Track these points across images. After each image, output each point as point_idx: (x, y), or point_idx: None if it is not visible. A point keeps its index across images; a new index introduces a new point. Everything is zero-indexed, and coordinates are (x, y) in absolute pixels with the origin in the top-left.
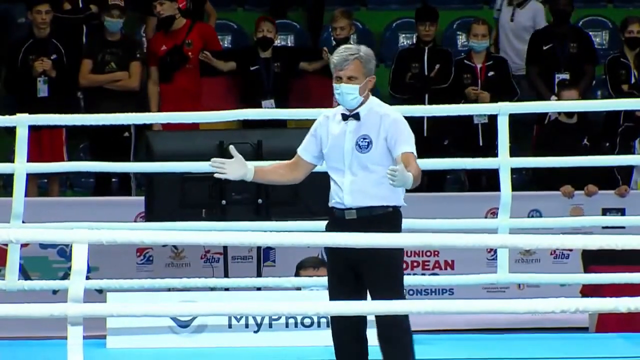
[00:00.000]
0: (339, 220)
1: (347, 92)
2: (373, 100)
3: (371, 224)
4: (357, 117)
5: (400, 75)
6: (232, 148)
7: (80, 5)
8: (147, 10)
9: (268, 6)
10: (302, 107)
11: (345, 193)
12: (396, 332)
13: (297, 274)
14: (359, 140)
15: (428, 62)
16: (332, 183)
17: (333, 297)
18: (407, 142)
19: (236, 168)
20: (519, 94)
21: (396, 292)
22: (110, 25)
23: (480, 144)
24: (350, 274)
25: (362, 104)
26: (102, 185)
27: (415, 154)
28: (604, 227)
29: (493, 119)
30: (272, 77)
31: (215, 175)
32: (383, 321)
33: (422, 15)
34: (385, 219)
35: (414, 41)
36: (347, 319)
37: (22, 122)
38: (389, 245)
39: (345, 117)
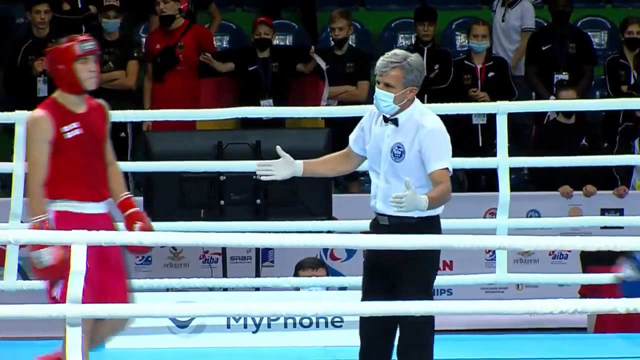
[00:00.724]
0: (376, 223)
1: (380, 99)
2: (417, 106)
3: (406, 232)
4: (395, 122)
5: None
6: (279, 148)
7: (80, 5)
8: (150, 10)
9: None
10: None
11: (378, 199)
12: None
13: (296, 274)
14: (394, 148)
15: (427, 63)
16: (371, 181)
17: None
18: (441, 158)
19: (283, 167)
20: (517, 95)
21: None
22: (108, 26)
23: (480, 144)
24: (384, 280)
25: (402, 109)
26: None
27: (449, 169)
28: (602, 228)
29: (493, 120)
30: (270, 77)
31: (263, 178)
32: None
33: (421, 15)
34: (420, 227)
35: (413, 41)
36: (377, 323)
37: (21, 119)
38: (385, 247)
39: (385, 120)
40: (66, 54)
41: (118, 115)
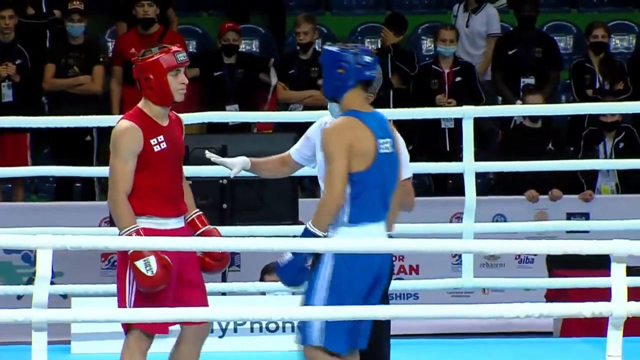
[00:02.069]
0: None
1: (332, 108)
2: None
3: None
4: None
5: None
6: (209, 154)
7: (44, 10)
8: (118, 14)
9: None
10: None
11: None
12: None
13: (262, 279)
14: None
15: (392, 67)
16: None
17: None
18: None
19: (234, 163)
20: (484, 100)
21: None
22: (72, 30)
23: (447, 148)
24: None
25: None
26: (64, 190)
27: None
28: (568, 232)
29: (460, 124)
30: (235, 83)
31: (214, 159)
32: None
33: (392, 23)
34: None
35: (379, 46)
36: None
37: None
38: (352, 251)
39: None
40: (159, 64)
41: (87, 121)
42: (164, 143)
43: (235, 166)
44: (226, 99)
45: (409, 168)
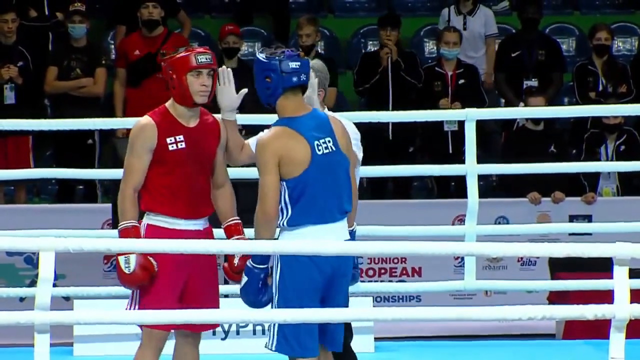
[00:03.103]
0: None
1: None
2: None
3: None
4: None
5: (364, 77)
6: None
7: (47, 12)
8: (118, 17)
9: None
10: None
11: None
12: None
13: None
14: None
15: (392, 68)
16: None
17: None
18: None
19: (230, 94)
20: (487, 102)
21: None
22: (74, 31)
23: (450, 150)
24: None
25: None
26: (66, 193)
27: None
28: (570, 234)
29: (463, 126)
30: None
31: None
32: None
33: (384, 21)
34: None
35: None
36: None
37: None
38: (356, 253)
39: None
40: (180, 64)
41: (91, 124)
42: (183, 143)
43: (230, 108)
44: None
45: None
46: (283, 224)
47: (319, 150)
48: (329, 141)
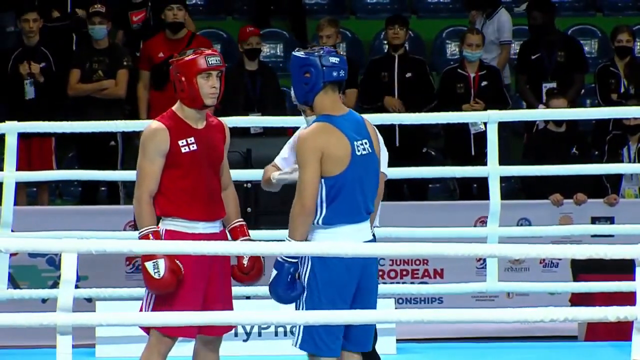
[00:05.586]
0: None
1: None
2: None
3: None
4: None
5: (369, 86)
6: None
7: (69, 11)
8: (117, 21)
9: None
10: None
11: None
12: None
13: None
14: None
15: (399, 71)
16: None
17: None
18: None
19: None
20: (511, 104)
21: None
22: (94, 32)
23: (472, 152)
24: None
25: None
26: (89, 194)
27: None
28: (593, 236)
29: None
30: (258, 90)
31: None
32: None
33: (391, 19)
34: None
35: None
36: None
37: (11, 129)
38: (380, 255)
39: None
40: (189, 66)
41: (114, 126)
42: (195, 145)
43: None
44: (249, 105)
45: (385, 165)
46: (317, 222)
47: (358, 151)
48: (366, 143)
